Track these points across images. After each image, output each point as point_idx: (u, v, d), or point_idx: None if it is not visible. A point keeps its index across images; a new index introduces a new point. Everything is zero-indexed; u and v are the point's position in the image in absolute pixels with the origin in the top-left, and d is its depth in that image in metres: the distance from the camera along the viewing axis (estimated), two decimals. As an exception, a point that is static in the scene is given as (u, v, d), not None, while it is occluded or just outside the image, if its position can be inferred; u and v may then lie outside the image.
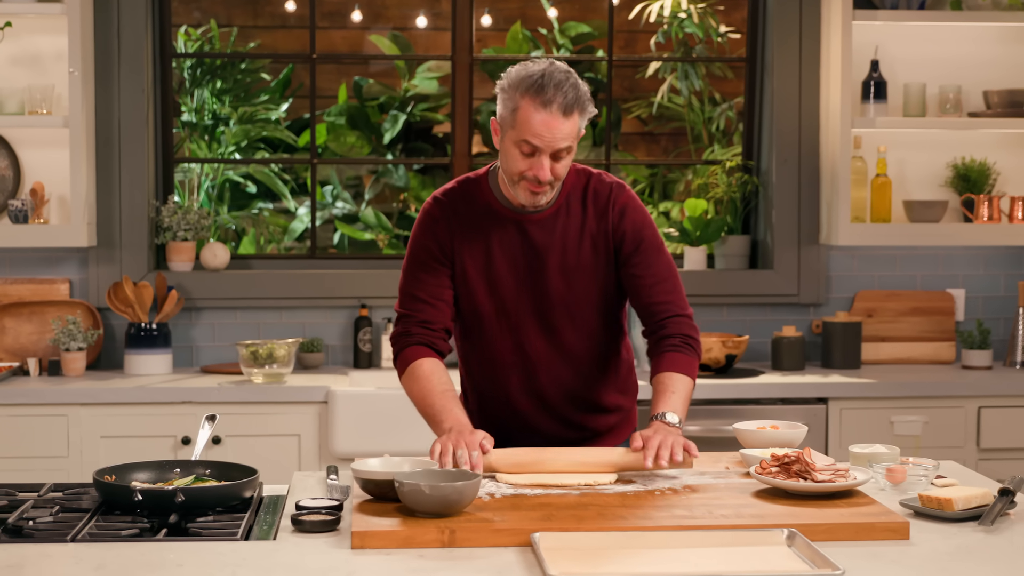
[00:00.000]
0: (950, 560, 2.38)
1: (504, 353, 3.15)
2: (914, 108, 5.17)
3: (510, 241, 3.09)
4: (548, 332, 3.13)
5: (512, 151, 2.98)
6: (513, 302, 3.11)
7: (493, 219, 3.10)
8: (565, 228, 3.09)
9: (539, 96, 2.92)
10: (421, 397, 3.06)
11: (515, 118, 2.95)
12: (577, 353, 3.16)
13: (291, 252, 6.89)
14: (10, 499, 2.78)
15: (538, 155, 2.95)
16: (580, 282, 3.11)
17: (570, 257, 3.09)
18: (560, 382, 3.17)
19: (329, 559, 2.38)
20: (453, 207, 3.13)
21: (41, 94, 4.92)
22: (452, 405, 3.00)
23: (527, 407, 3.18)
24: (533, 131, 2.93)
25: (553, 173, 2.97)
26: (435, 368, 3.08)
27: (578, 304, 3.12)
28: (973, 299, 5.44)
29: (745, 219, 5.51)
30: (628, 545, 2.40)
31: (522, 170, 2.98)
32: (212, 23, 6.71)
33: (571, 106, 2.93)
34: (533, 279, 3.10)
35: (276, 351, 4.81)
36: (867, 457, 3.01)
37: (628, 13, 6.29)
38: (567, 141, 2.95)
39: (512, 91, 2.96)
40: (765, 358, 5.34)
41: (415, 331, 3.11)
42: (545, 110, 2.92)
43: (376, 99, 7.10)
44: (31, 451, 4.60)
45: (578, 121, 2.96)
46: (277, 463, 4.57)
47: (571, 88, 2.94)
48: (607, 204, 3.11)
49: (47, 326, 5.05)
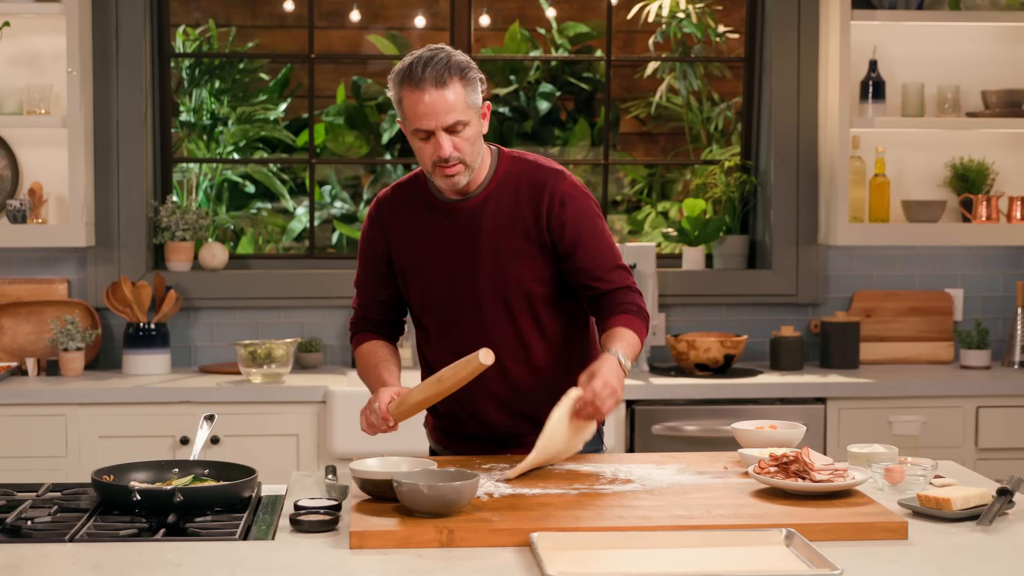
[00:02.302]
0: (948, 560, 2.38)
1: (448, 345, 3.12)
2: (912, 108, 5.17)
3: (442, 231, 3.09)
4: (482, 321, 3.09)
5: (415, 143, 3.00)
6: (449, 292, 3.10)
7: (427, 212, 3.11)
8: (496, 214, 3.06)
9: (411, 80, 2.94)
10: (362, 374, 3.20)
11: (403, 111, 2.98)
12: (515, 342, 3.10)
13: (290, 252, 6.89)
14: (8, 499, 2.78)
15: (433, 136, 2.95)
16: (514, 271, 3.06)
17: (502, 243, 3.06)
18: (501, 372, 3.10)
19: (328, 559, 2.38)
20: (388, 205, 3.17)
21: (39, 94, 4.92)
22: (382, 372, 3.12)
23: (476, 400, 3.14)
24: (417, 114, 2.94)
25: (457, 149, 2.96)
26: (373, 346, 3.21)
27: (511, 292, 3.07)
28: (971, 299, 5.44)
29: (743, 219, 5.51)
30: (626, 545, 2.40)
31: (430, 156, 2.98)
32: (210, 23, 6.71)
33: (441, 76, 2.92)
34: (465, 268, 3.07)
35: (274, 351, 4.81)
36: (865, 457, 3.01)
37: (626, 13, 6.29)
38: (454, 113, 2.93)
39: (394, 88, 2.99)
40: (763, 358, 5.34)
41: (360, 323, 3.26)
42: (419, 89, 2.92)
43: (375, 99, 7.10)
44: (29, 451, 4.60)
45: (461, 91, 2.95)
46: (275, 463, 4.57)
47: (440, 62, 2.93)
48: (543, 192, 3.06)
49: (45, 326, 5.04)
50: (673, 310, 5.34)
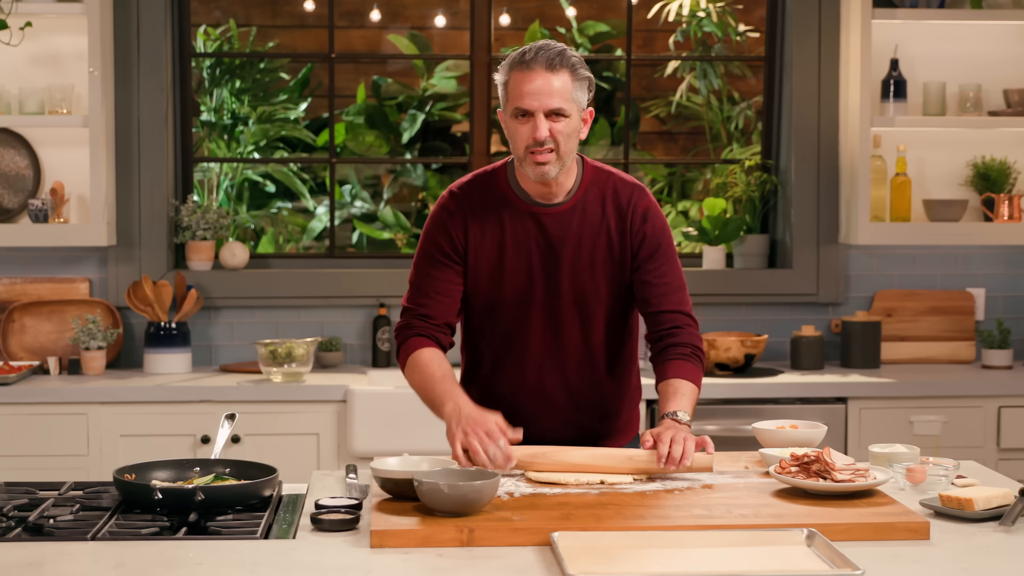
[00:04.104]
0: (970, 560, 2.37)
1: (511, 348, 3.13)
2: (934, 107, 5.16)
3: (525, 233, 3.08)
4: (556, 328, 3.11)
5: (511, 125, 2.99)
6: (524, 295, 3.09)
7: (509, 211, 3.09)
8: (582, 224, 3.08)
9: (522, 62, 2.96)
10: (421, 384, 3.05)
11: (507, 92, 2.99)
12: (583, 351, 3.14)
13: (310, 251, 6.90)
14: (31, 497, 2.79)
15: (532, 117, 2.95)
16: (591, 279, 3.09)
17: (584, 253, 3.08)
18: (564, 380, 3.15)
19: (348, 558, 2.39)
20: (468, 200, 3.11)
21: (61, 94, 4.94)
22: (451, 387, 2.99)
23: (529, 403, 3.16)
24: (521, 93, 2.95)
25: (553, 134, 2.95)
26: (435, 356, 3.08)
27: (588, 302, 3.10)
28: (993, 298, 5.42)
29: (764, 218, 5.50)
30: (647, 544, 2.40)
31: (524, 139, 2.97)
32: (231, 23, 6.72)
33: (554, 61, 2.94)
34: (545, 273, 3.08)
35: (295, 350, 4.81)
36: (887, 457, 3.00)
37: (647, 12, 6.29)
38: (558, 99, 2.94)
39: (504, 72, 3.01)
40: (784, 357, 5.33)
41: (415, 324, 3.11)
42: (528, 70, 2.94)
43: (395, 98, 7.11)
44: (51, 449, 4.62)
45: (569, 82, 2.96)
46: (296, 462, 4.57)
47: (554, 50, 2.96)
48: (627, 205, 3.10)
49: (67, 325, 5.06)
50: (694, 309, 5.31)
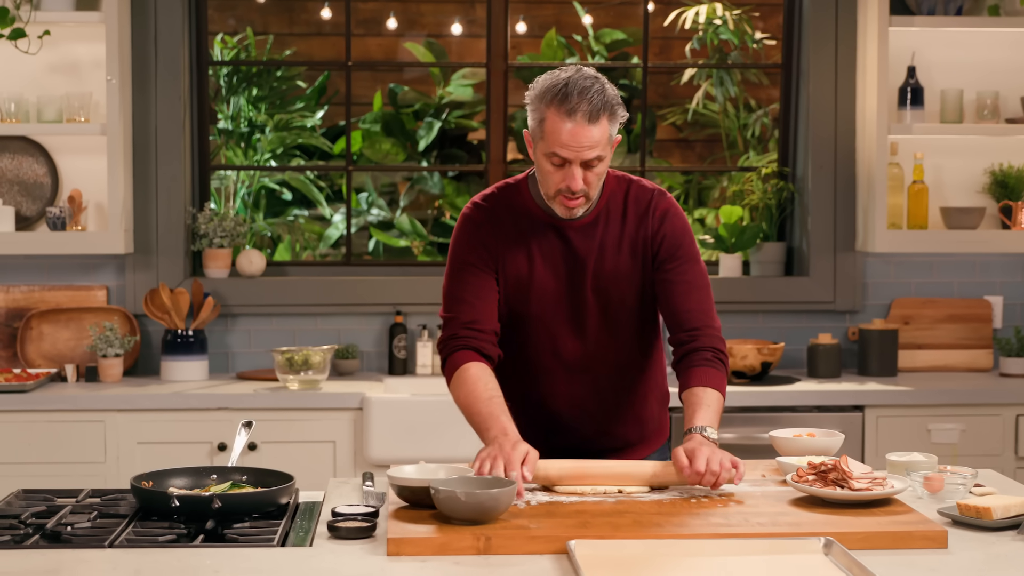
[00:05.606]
0: (988, 569, 2.36)
1: (540, 359, 3.13)
2: (951, 114, 5.14)
3: (551, 248, 3.07)
4: (584, 338, 3.11)
5: (544, 164, 2.96)
6: (552, 308, 3.09)
7: (534, 225, 3.08)
8: (605, 234, 3.08)
9: (564, 105, 2.89)
10: (467, 404, 2.99)
11: (543, 130, 2.93)
12: (612, 359, 3.14)
13: (326, 259, 6.91)
14: (48, 504, 2.81)
15: (568, 166, 2.93)
16: (617, 288, 3.09)
17: (608, 263, 3.08)
18: (595, 388, 3.15)
19: (365, 566, 2.39)
20: (495, 212, 3.10)
21: (79, 102, 4.96)
22: (498, 412, 2.93)
23: (560, 413, 3.17)
24: (560, 142, 2.90)
25: (585, 183, 2.94)
26: (481, 373, 3.01)
27: (614, 310, 3.10)
28: (1011, 306, 5.40)
29: (781, 226, 5.49)
30: (664, 553, 2.40)
31: (556, 183, 2.95)
32: (248, 31, 6.74)
33: (597, 112, 2.89)
34: (573, 286, 3.08)
35: (311, 358, 4.82)
36: (904, 465, 2.99)
37: (663, 20, 6.29)
38: (596, 150, 2.91)
39: (538, 102, 2.94)
40: (801, 365, 5.32)
41: (461, 334, 3.05)
42: (570, 119, 2.88)
43: (411, 106, 7.12)
44: (69, 457, 4.63)
45: (607, 127, 2.93)
46: (313, 470, 4.58)
47: (597, 94, 2.90)
48: (647, 209, 3.09)
49: (84, 332, 5.08)
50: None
